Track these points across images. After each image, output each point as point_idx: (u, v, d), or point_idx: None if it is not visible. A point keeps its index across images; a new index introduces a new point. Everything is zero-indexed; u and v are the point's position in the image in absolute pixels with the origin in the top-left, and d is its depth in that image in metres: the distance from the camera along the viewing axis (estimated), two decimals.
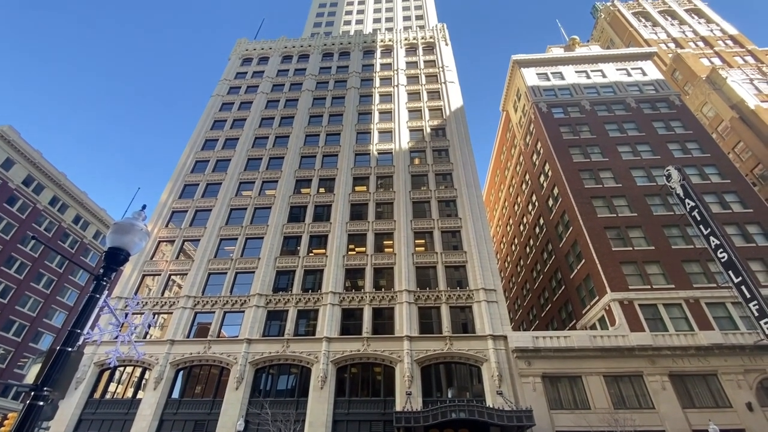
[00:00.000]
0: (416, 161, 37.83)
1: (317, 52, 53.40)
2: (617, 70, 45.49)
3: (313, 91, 47.36)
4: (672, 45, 60.97)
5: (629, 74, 44.69)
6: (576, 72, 45.79)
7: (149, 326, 28.03)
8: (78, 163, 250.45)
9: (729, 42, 58.54)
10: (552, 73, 45.99)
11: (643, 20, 67.97)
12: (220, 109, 45.89)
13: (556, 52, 51.19)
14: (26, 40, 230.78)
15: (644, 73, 44.54)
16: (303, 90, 47.42)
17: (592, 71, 45.72)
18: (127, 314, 6.61)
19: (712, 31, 61.90)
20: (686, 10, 68.26)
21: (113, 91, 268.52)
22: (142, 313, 28.50)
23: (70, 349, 4.57)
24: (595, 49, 51.72)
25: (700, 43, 59.69)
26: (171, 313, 28.28)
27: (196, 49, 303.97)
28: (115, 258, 5.20)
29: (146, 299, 29.08)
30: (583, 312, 29.96)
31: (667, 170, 29.86)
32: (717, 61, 54.33)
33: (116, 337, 6.12)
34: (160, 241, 33.07)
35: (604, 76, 44.90)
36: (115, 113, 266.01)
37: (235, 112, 45.18)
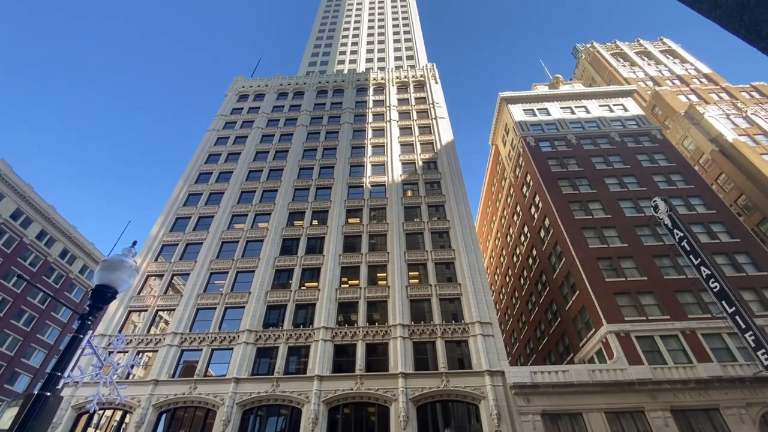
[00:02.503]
0: (409, 193, 38.24)
1: (312, 89, 55.10)
2: (600, 106, 47.48)
3: (307, 126, 48.39)
4: (650, 83, 64.16)
5: (611, 110, 46.62)
6: (561, 108, 47.68)
7: (132, 366, 26.79)
8: (69, 195, 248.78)
9: (704, 80, 61.81)
10: (538, 109, 47.81)
11: (621, 60, 71.81)
12: (215, 144, 46.47)
13: (541, 89, 53.48)
14: (28, 80, 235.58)
15: (626, 109, 46.51)
16: (297, 125, 48.44)
17: (576, 107, 47.65)
18: (110, 352, 6.36)
19: (687, 70, 65.48)
20: (661, 51, 72.41)
21: (107, 124, 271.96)
22: (126, 352, 27.33)
23: (48, 394, 4.34)
24: (578, 87, 54.15)
25: (677, 81, 62.93)
26: (156, 351, 27.16)
27: (192, 86, 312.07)
28: (102, 296, 5.06)
29: (131, 336, 27.98)
30: (581, 345, 29.46)
31: (654, 201, 30.52)
32: (694, 98, 57.07)
33: (97, 378, 5.85)
34: (148, 276, 32.33)
35: (587, 111, 46.77)
36: (108, 147, 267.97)
37: (230, 146, 45.74)
